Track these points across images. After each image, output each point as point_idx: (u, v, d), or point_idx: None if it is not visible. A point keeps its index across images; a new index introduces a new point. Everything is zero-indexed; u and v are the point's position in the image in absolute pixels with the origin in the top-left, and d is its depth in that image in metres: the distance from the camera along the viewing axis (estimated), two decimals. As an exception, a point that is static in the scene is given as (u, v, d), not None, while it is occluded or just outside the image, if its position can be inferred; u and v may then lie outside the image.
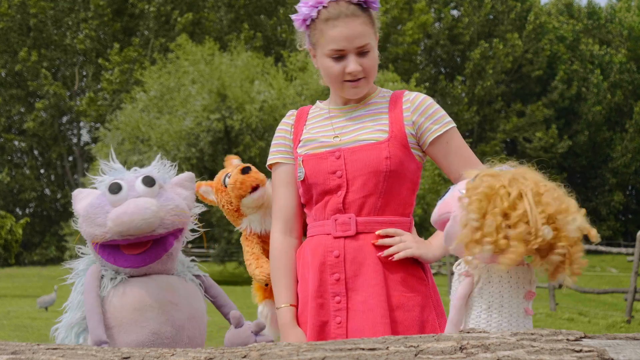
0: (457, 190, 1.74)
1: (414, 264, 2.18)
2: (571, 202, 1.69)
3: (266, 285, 2.41)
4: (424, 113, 2.23)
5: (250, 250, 2.46)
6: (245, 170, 2.44)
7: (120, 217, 1.90)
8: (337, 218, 2.20)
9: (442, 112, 2.27)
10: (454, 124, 2.26)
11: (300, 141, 2.30)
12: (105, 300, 2.00)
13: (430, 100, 2.27)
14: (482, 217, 1.62)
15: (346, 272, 2.17)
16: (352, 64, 2.19)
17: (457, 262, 1.77)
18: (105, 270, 2.06)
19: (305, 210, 2.32)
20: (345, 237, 2.18)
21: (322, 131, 2.28)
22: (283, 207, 2.31)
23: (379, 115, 2.24)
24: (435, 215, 1.81)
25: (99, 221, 1.95)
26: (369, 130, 2.22)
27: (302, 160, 2.25)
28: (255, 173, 2.45)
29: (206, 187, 2.53)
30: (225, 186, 2.47)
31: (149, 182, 1.98)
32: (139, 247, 1.98)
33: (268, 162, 2.37)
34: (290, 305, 2.24)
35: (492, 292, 1.69)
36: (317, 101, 2.42)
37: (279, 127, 2.39)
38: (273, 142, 2.38)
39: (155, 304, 2.02)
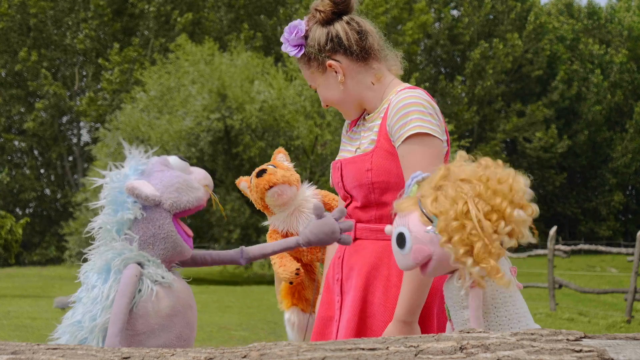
0: (426, 233, 1.68)
1: (399, 275, 2.14)
2: (507, 171, 1.67)
3: (290, 283, 2.44)
4: (393, 119, 2.11)
5: None
6: (259, 174, 2.46)
7: (208, 177, 2.14)
8: None
9: (410, 117, 2.07)
10: (415, 131, 2.05)
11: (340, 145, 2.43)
12: (137, 305, 2.00)
13: (404, 102, 2.10)
14: (470, 246, 1.62)
15: (342, 274, 2.26)
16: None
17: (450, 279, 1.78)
18: (149, 268, 2.04)
19: None
20: None
21: (350, 140, 2.34)
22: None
23: (376, 123, 2.22)
24: (410, 262, 1.73)
25: (194, 185, 2.09)
26: (365, 141, 2.24)
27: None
28: (268, 175, 2.44)
29: (245, 184, 2.57)
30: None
31: (184, 159, 2.17)
32: (191, 235, 2.16)
33: None
34: None
35: (498, 288, 1.70)
36: None
37: None
38: None
39: (182, 308, 2.07)
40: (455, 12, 45.94)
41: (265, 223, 2.58)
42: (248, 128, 24.87)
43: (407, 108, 2.09)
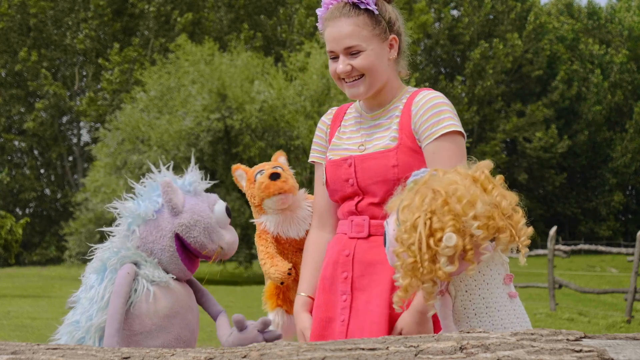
0: (391, 248, 1.70)
1: None
2: (473, 193, 1.62)
3: (282, 283, 2.42)
4: (422, 117, 2.16)
5: (264, 250, 2.47)
6: (273, 177, 2.44)
7: (232, 246, 2.18)
8: (352, 219, 2.24)
9: (442, 115, 2.14)
10: (449, 129, 2.12)
11: (331, 144, 2.35)
12: (134, 305, 1.99)
13: (433, 101, 2.17)
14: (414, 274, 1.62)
15: (353, 271, 2.21)
16: (340, 65, 2.21)
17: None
18: (146, 268, 2.04)
19: None
20: (359, 238, 2.22)
21: (351, 138, 2.31)
22: (318, 204, 2.40)
23: (393, 120, 2.22)
24: (390, 262, 1.77)
25: (214, 237, 2.12)
26: (382, 137, 2.22)
27: (325, 167, 2.31)
28: (282, 182, 2.43)
29: (242, 172, 2.54)
30: (255, 181, 2.49)
31: (230, 215, 2.21)
32: (197, 258, 2.18)
33: (309, 159, 2.44)
34: (308, 296, 2.33)
35: (473, 299, 1.68)
36: (357, 102, 2.39)
37: (318, 125, 2.44)
38: (313, 139, 2.45)
39: (181, 310, 2.07)
40: (455, 12, 45.93)
41: (253, 221, 2.56)
42: (248, 128, 24.86)
43: (439, 107, 2.15)
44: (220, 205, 2.16)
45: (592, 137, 46.33)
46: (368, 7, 2.19)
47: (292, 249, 2.51)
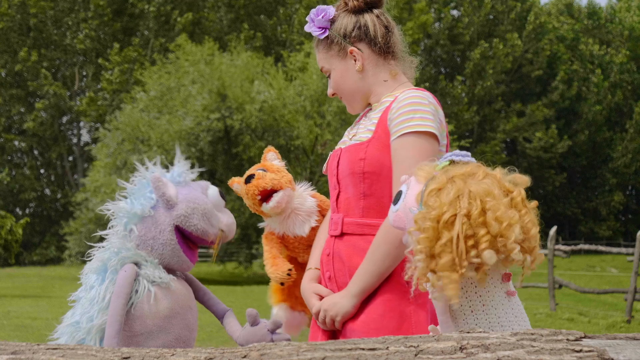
0: (408, 208, 1.70)
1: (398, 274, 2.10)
2: (513, 217, 1.60)
3: (282, 284, 2.40)
4: (395, 113, 2.14)
5: (269, 250, 2.45)
6: (247, 180, 2.42)
7: (231, 227, 2.21)
8: (332, 217, 2.26)
9: (410, 115, 2.09)
10: (413, 129, 2.07)
11: None
12: (135, 306, 1.99)
13: (407, 100, 2.13)
14: (431, 255, 1.60)
15: (335, 271, 2.21)
16: (328, 88, 2.37)
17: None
18: (147, 268, 2.03)
19: None
20: (335, 237, 2.23)
21: (351, 129, 2.35)
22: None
23: (376, 115, 2.23)
24: (390, 220, 1.79)
25: (213, 222, 2.15)
26: (362, 130, 2.25)
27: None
28: (257, 180, 2.40)
29: (238, 187, 2.54)
30: None
31: (224, 198, 2.25)
32: (196, 247, 2.20)
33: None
34: (316, 268, 2.31)
35: (469, 296, 1.66)
36: None
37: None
38: None
39: (182, 310, 2.08)
40: (455, 12, 45.91)
41: (261, 224, 2.57)
42: (248, 128, 24.87)
43: (414, 106, 2.11)
44: (214, 189, 2.18)
45: (592, 137, 46.31)
46: (313, 34, 2.30)
47: (301, 246, 2.49)
